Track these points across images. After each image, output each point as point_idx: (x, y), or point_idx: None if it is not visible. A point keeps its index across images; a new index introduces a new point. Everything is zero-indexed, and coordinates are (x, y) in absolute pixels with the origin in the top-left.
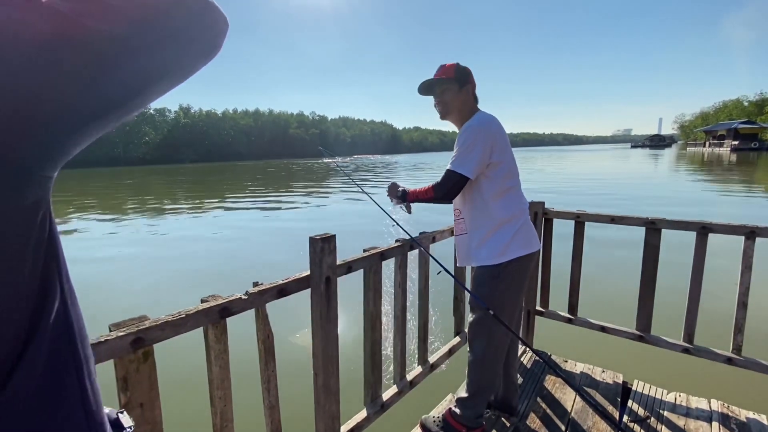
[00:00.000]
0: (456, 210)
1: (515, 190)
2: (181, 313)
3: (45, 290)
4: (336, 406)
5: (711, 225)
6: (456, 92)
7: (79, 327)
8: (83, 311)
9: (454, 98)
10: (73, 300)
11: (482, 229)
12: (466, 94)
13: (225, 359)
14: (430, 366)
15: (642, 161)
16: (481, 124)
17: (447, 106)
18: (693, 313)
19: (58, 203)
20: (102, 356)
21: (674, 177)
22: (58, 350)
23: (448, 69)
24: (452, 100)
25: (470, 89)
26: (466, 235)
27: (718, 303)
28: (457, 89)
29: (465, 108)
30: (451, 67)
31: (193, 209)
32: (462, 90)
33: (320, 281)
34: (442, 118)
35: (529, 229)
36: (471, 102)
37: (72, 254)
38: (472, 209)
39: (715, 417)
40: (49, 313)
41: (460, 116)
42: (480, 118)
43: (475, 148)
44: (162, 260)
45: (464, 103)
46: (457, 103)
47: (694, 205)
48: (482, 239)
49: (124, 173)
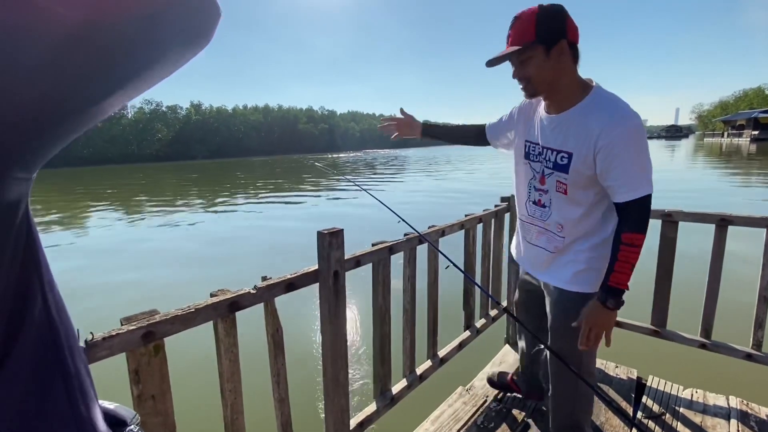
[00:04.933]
0: (558, 225)
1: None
2: (190, 307)
3: (23, 300)
4: (345, 400)
5: (731, 217)
6: (544, 59)
7: (66, 337)
8: (104, 306)
9: (541, 69)
10: (59, 309)
11: (591, 251)
12: (559, 54)
13: (235, 353)
14: (440, 360)
15: (658, 152)
16: (638, 128)
17: (533, 83)
18: (711, 307)
19: (122, 201)
20: (114, 350)
21: (690, 168)
22: (42, 364)
23: (525, 27)
24: (539, 72)
25: (565, 47)
26: (556, 254)
27: (737, 297)
28: (545, 54)
29: (563, 77)
30: (528, 24)
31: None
32: (552, 52)
33: (328, 275)
34: (532, 97)
35: None
36: (569, 64)
37: (112, 246)
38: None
39: (733, 414)
40: (29, 325)
41: (559, 93)
42: (629, 109)
43: (648, 155)
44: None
45: (559, 71)
46: (548, 75)
47: (711, 197)
48: (588, 260)
49: (147, 170)
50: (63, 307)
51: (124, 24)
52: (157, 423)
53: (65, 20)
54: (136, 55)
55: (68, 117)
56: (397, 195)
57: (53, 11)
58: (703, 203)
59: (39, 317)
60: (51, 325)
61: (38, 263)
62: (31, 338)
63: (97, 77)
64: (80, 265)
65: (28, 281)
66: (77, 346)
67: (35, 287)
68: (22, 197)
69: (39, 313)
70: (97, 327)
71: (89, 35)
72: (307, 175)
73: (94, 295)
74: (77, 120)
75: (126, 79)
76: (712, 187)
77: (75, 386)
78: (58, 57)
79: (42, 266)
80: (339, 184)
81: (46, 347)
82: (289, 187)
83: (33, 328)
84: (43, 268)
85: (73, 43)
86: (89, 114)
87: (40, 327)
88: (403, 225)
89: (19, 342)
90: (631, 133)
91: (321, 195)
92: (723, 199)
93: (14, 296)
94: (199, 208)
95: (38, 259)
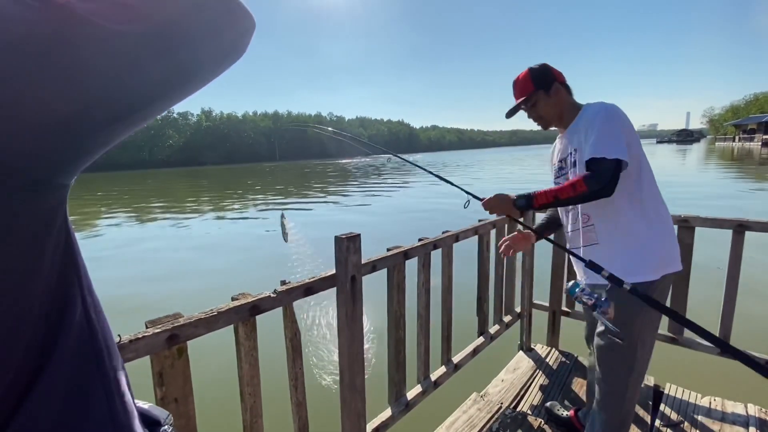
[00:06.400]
0: (584, 215)
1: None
2: (213, 311)
3: (64, 303)
4: (362, 404)
5: (748, 222)
6: (546, 99)
7: (104, 338)
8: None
9: (548, 106)
10: (97, 311)
11: (627, 236)
12: (557, 93)
13: (255, 356)
14: (454, 366)
15: (669, 157)
16: (606, 105)
17: (545, 118)
18: (729, 314)
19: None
20: (140, 352)
21: (703, 172)
22: (82, 366)
23: (525, 83)
24: (546, 109)
25: (558, 85)
26: (597, 245)
27: (756, 304)
28: (546, 96)
29: (563, 107)
30: (526, 80)
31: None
32: (551, 92)
33: (346, 280)
34: (545, 129)
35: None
36: (565, 95)
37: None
38: (610, 211)
39: (752, 422)
40: (68, 327)
41: (562, 118)
42: (599, 103)
43: (616, 127)
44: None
45: (558, 104)
46: (554, 109)
47: (725, 201)
48: (630, 249)
49: (159, 175)
50: (100, 309)
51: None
52: (180, 426)
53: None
54: (173, 67)
55: (110, 125)
56: (409, 200)
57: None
58: (717, 209)
59: (79, 319)
60: (90, 327)
61: (77, 266)
62: (72, 339)
63: (138, 87)
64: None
65: (68, 284)
66: (114, 347)
67: (75, 290)
68: (62, 202)
69: (79, 316)
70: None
71: (130, 52)
72: (326, 180)
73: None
74: (118, 128)
75: (164, 89)
76: (726, 192)
77: (113, 387)
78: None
79: (81, 269)
80: (346, 190)
81: (86, 349)
82: (302, 193)
83: (73, 329)
84: (81, 270)
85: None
86: (130, 121)
87: (80, 329)
88: (415, 232)
89: (59, 344)
90: (600, 110)
91: (329, 201)
92: (737, 203)
93: (55, 299)
94: (210, 213)
95: (77, 261)
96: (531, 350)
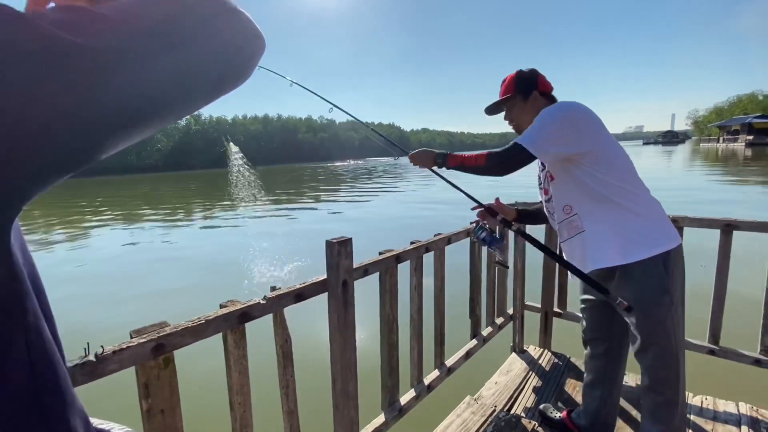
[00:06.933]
0: (566, 207)
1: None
2: (200, 319)
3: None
4: (355, 411)
5: (736, 222)
6: (522, 105)
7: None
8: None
9: (522, 112)
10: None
11: (612, 219)
12: (534, 100)
13: (244, 365)
14: (448, 369)
15: (655, 158)
16: (558, 105)
17: (518, 122)
18: (718, 313)
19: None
20: (124, 363)
21: (688, 173)
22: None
23: (508, 85)
24: (520, 114)
25: (538, 93)
26: (584, 232)
27: (744, 303)
28: (523, 101)
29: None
30: (510, 82)
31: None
32: (528, 99)
33: (337, 285)
34: (518, 133)
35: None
36: (543, 104)
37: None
38: (588, 198)
39: (744, 420)
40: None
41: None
42: (559, 103)
43: (549, 125)
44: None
45: (534, 112)
46: (526, 116)
47: (713, 203)
48: (618, 230)
49: (147, 180)
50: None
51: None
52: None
53: (92, 52)
54: (167, 84)
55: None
56: (401, 204)
57: (79, 43)
58: (705, 208)
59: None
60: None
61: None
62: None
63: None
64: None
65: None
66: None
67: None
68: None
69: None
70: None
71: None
72: (311, 184)
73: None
74: (101, 147)
75: (153, 112)
76: (714, 194)
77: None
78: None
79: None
80: (338, 194)
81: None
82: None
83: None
84: (28, 307)
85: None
86: (119, 139)
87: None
88: (406, 234)
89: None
90: (549, 108)
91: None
92: (724, 206)
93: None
94: (198, 221)
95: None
96: (524, 352)
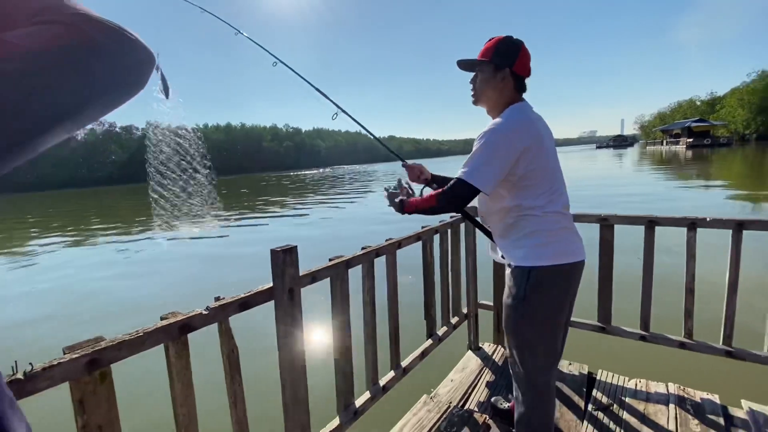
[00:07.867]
0: (481, 215)
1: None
2: (139, 332)
3: None
4: (306, 416)
5: (657, 219)
6: (489, 76)
7: None
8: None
9: (485, 83)
10: None
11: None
12: (503, 78)
13: (188, 376)
14: (403, 370)
15: (607, 161)
16: (508, 127)
17: (476, 91)
18: (647, 302)
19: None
20: (55, 380)
21: (631, 174)
22: None
23: (489, 49)
24: (483, 86)
25: (508, 73)
26: (498, 239)
27: (669, 291)
28: (491, 73)
29: (499, 97)
30: (492, 46)
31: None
32: (497, 74)
33: (283, 293)
34: (474, 104)
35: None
36: (508, 90)
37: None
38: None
39: (672, 400)
40: None
41: (490, 106)
42: (509, 117)
43: (490, 153)
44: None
45: (497, 91)
46: (488, 90)
47: (648, 200)
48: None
49: (99, 194)
50: None
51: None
52: None
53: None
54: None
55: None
56: (370, 212)
57: None
58: (637, 206)
59: None
60: None
61: None
62: None
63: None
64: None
65: None
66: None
67: None
68: None
69: None
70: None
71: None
72: (266, 197)
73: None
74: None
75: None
76: (652, 192)
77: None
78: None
79: None
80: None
81: None
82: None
83: None
84: None
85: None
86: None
87: None
88: (361, 240)
89: None
90: (489, 130)
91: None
92: (655, 204)
93: None
94: (153, 233)
95: None
96: (479, 349)
